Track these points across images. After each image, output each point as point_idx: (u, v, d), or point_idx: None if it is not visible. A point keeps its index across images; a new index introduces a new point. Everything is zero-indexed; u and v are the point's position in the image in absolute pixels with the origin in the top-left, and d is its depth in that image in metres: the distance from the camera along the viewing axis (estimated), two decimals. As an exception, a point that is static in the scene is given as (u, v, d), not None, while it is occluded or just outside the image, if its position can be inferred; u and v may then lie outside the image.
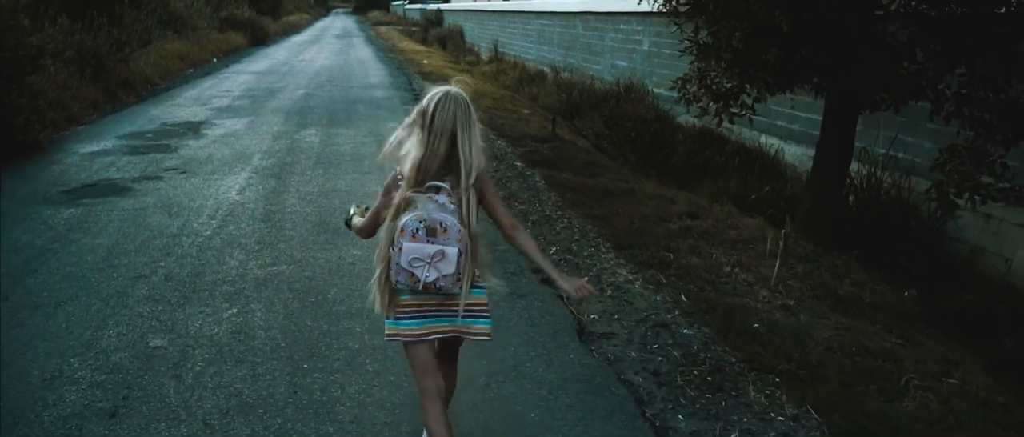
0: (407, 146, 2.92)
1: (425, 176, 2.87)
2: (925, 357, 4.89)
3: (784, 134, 10.83)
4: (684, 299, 5.42)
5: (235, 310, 5.04)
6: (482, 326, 3.12)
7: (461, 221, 2.88)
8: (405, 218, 2.85)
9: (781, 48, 6.48)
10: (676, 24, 7.29)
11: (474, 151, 2.90)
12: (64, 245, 6.32)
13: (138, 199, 7.69)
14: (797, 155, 10.63)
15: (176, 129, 11.54)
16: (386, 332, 3.07)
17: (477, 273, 3.05)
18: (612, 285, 5.66)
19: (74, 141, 10.60)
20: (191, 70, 20.54)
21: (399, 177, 2.95)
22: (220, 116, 12.79)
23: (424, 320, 3.02)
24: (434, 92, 2.93)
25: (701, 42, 6.84)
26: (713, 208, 7.82)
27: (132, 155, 9.68)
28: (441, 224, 2.85)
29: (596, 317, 5.09)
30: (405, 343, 3.05)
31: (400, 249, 2.85)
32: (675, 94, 7.50)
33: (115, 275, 5.66)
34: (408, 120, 2.94)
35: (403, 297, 2.99)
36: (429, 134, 2.86)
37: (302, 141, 10.75)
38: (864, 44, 6.49)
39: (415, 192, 2.86)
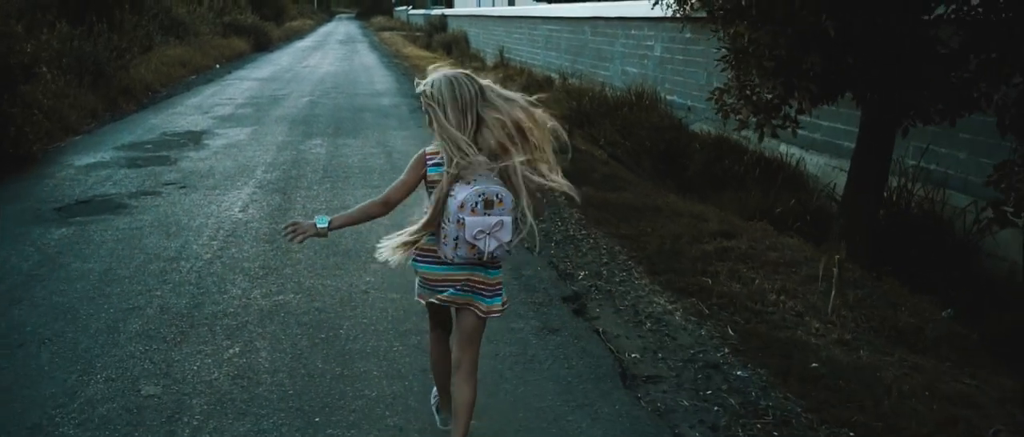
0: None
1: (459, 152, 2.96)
2: (1006, 401, 4.35)
3: (806, 143, 10.29)
4: (731, 333, 4.88)
5: (237, 349, 4.50)
6: (496, 304, 3.24)
7: (511, 190, 3.05)
8: (464, 193, 2.96)
9: (826, 56, 5.95)
10: (712, 31, 6.74)
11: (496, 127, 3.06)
12: (53, 270, 5.78)
13: (134, 217, 7.16)
14: (820, 165, 10.09)
15: (176, 139, 11.01)
16: (417, 295, 3.32)
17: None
18: (651, 317, 5.12)
19: (70, 152, 10.07)
20: (193, 76, 20.02)
21: (428, 156, 3.12)
22: (222, 125, 12.26)
23: (459, 293, 3.17)
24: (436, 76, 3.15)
25: (740, 49, 6.28)
26: (748, 227, 7.28)
27: (130, 168, 9.15)
28: (497, 196, 3.01)
29: (638, 356, 4.55)
30: (429, 303, 3.26)
31: (462, 224, 2.98)
32: (711, 105, 6.97)
33: (106, 306, 5.12)
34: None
35: (441, 271, 3.15)
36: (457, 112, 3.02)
37: (308, 152, 10.22)
38: (914, 52, 5.96)
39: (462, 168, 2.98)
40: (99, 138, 11.10)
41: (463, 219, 2.97)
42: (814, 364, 4.53)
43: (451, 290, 3.16)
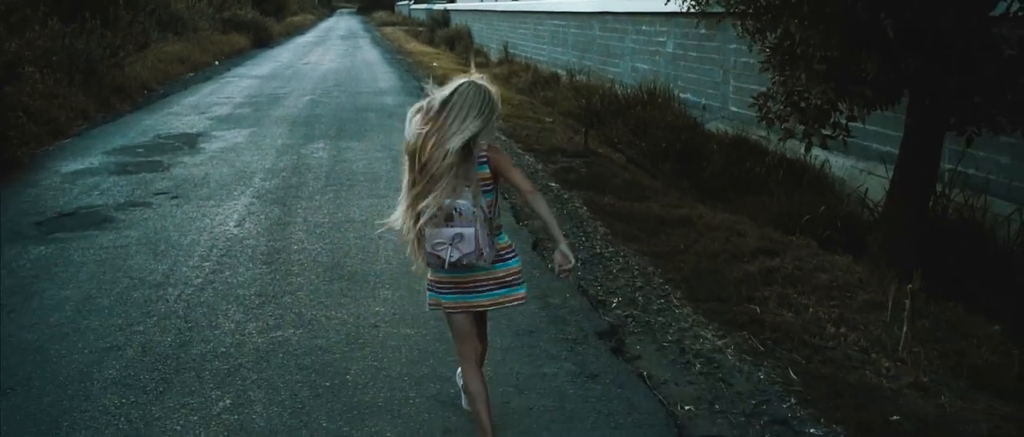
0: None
1: (426, 165, 3.04)
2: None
3: (831, 144, 9.60)
4: (793, 377, 4.23)
5: (228, 402, 3.84)
6: (518, 293, 3.33)
7: (474, 202, 3.06)
8: (421, 207, 3.04)
9: (884, 57, 5.29)
10: (748, 32, 6.07)
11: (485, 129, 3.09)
12: (25, 299, 5.12)
13: (120, 233, 6.50)
14: (846, 168, 9.43)
15: (171, 142, 10.34)
16: (428, 302, 3.36)
17: (503, 245, 3.28)
18: (699, 356, 4.46)
19: (57, 158, 9.41)
20: (191, 74, 19.34)
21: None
22: (219, 126, 11.60)
23: (462, 296, 3.24)
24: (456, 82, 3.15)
25: (787, 50, 5.61)
26: (790, 242, 6.61)
27: (119, 175, 8.48)
28: (455, 209, 3.04)
29: (692, 408, 3.90)
30: (447, 313, 3.29)
31: (423, 236, 3.08)
32: (754, 113, 6.29)
33: (81, 345, 4.46)
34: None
35: (441, 273, 3.21)
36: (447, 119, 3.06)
37: (309, 156, 9.56)
38: (976, 52, 5.29)
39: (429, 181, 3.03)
40: (89, 141, 10.44)
41: (423, 232, 3.08)
42: (895, 416, 3.88)
43: (452, 294, 3.27)
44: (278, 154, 9.66)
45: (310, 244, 6.24)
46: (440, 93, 3.12)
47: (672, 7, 12.54)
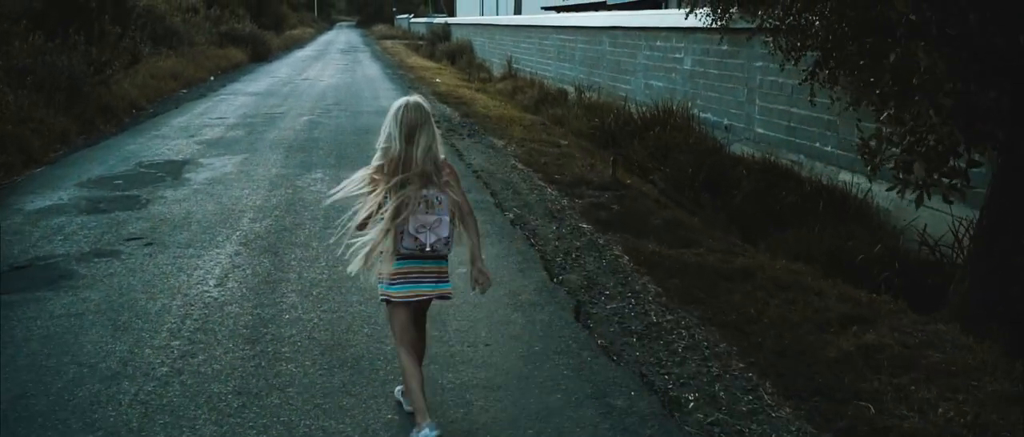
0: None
1: (402, 166, 3.50)
2: None
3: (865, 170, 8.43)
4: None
5: None
6: (445, 287, 3.70)
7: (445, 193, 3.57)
8: (401, 196, 3.47)
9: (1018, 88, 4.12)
10: (784, 54, 4.88)
11: (435, 145, 3.54)
12: (-61, 397, 3.91)
13: (78, 295, 5.29)
14: (892, 199, 8.23)
15: (153, 172, 9.13)
16: (380, 294, 3.69)
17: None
18: (823, 493, 3.26)
19: (24, 191, 8.20)
20: (185, 90, 18.15)
21: (375, 171, 3.62)
22: (209, 152, 10.39)
23: (408, 285, 3.60)
24: (397, 102, 3.59)
25: (905, 79, 4.40)
26: (878, 305, 5.42)
27: (90, 214, 7.28)
28: (436, 198, 3.55)
29: None
30: (392, 304, 3.64)
31: (407, 221, 3.49)
32: (782, 135, 5.09)
33: (-5, 478, 3.26)
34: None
35: (395, 266, 3.54)
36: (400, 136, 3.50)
37: (306, 190, 8.35)
38: None
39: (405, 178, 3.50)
40: (63, 170, 9.22)
41: (408, 217, 3.48)
42: None
43: (402, 285, 3.58)
44: (271, 187, 8.45)
45: (305, 312, 5.02)
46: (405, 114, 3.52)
47: (692, 22, 11.45)
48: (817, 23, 7.76)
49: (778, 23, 8.55)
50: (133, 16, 17.71)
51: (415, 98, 3.60)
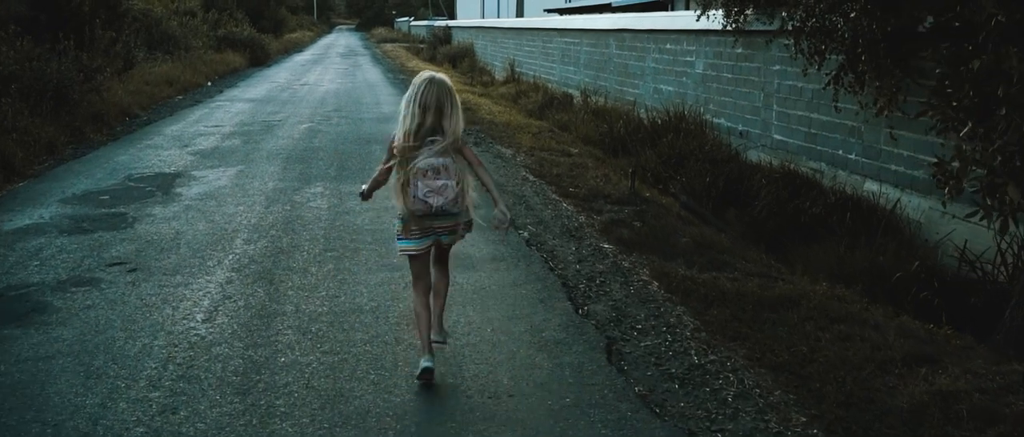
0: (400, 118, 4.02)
1: (417, 137, 3.93)
2: None
3: (903, 181, 7.83)
4: None
5: None
6: (456, 233, 4.17)
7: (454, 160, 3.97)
8: (419, 163, 3.92)
9: None
10: (807, 57, 4.32)
11: (455, 119, 3.94)
12: None
13: (49, 333, 4.70)
14: (924, 210, 7.69)
15: (142, 186, 8.55)
16: (399, 249, 4.19)
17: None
18: None
19: (4, 209, 7.61)
20: (180, 97, 17.56)
21: (394, 142, 4.04)
22: (202, 164, 9.80)
23: (422, 239, 4.09)
24: (420, 76, 4.03)
25: (982, 84, 3.80)
26: (945, 342, 4.83)
27: (71, 234, 6.70)
28: (443, 165, 3.94)
29: None
30: (410, 256, 4.15)
31: (417, 185, 3.94)
32: (800, 141, 4.52)
33: None
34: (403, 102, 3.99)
35: (409, 222, 4.05)
36: (420, 109, 3.92)
37: (304, 206, 7.76)
38: None
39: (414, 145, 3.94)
40: (48, 185, 8.63)
41: (417, 183, 3.94)
42: None
43: (416, 239, 4.09)
44: (268, 202, 7.86)
45: (303, 354, 4.43)
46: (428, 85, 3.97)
47: (704, 24, 10.86)
48: (842, 25, 7.24)
49: (800, 25, 8.00)
50: (127, 20, 17.05)
51: (438, 75, 4.01)
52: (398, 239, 4.13)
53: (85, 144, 11.22)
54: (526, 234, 6.88)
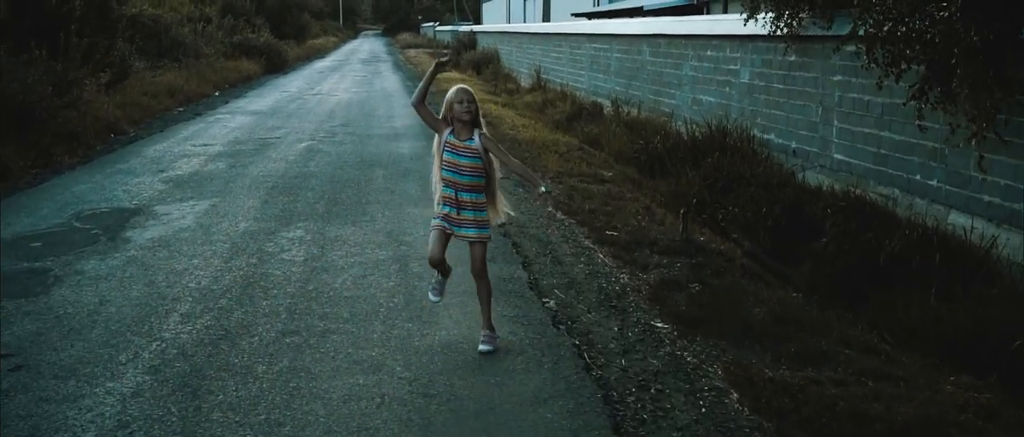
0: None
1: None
2: None
3: (999, 214, 6.15)
4: None
5: None
6: (485, 232, 4.48)
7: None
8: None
9: None
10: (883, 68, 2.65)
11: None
12: None
13: None
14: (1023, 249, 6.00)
15: (88, 228, 6.93)
16: (432, 226, 4.47)
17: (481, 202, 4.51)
18: None
19: (-96, 260, 6.01)
20: (181, 109, 16.02)
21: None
22: (172, 196, 8.17)
23: (454, 227, 4.41)
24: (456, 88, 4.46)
25: None
26: None
27: (-35, 303, 5.07)
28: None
29: None
30: (435, 231, 4.41)
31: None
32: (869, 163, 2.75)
33: None
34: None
35: (444, 209, 4.41)
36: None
37: (274, 258, 6.10)
38: None
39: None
40: (-22, 224, 7.04)
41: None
42: None
43: (444, 222, 4.42)
44: (230, 253, 6.20)
45: None
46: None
47: (751, 29, 9.45)
48: (928, 29, 5.94)
49: (874, 30, 6.55)
50: (121, 26, 15.49)
51: (464, 87, 4.48)
52: (434, 219, 4.53)
53: (50, 168, 9.65)
54: (552, 303, 5.18)
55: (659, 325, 4.83)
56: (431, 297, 4.67)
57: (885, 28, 6.52)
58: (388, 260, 6.01)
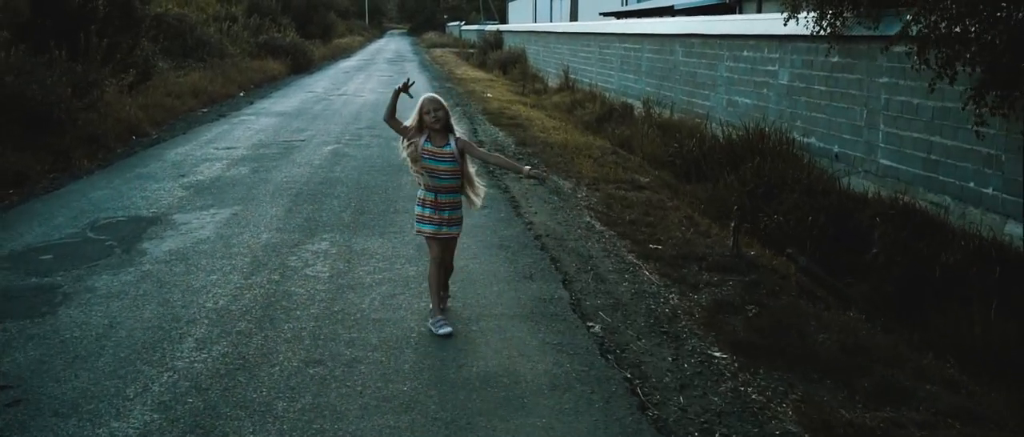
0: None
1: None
2: None
3: None
4: None
5: None
6: (454, 230, 4.75)
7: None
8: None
9: None
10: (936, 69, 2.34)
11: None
12: None
13: None
14: None
15: (102, 239, 6.55)
16: (415, 230, 4.80)
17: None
18: None
19: (-91, 274, 5.65)
20: (205, 109, 15.69)
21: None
22: (192, 203, 7.79)
23: (435, 226, 4.66)
24: (425, 97, 4.78)
25: None
26: None
27: (-35, 326, 4.68)
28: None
29: None
30: (426, 238, 4.72)
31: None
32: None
33: None
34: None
35: (425, 211, 4.69)
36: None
37: (298, 274, 5.69)
38: None
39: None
40: (-12, 234, 6.68)
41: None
42: None
43: (427, 225, 4.68)
44: (252, 269, 5.79)
45: None
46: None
47: (790, 29, 9.05)
48: (990, 32, 5.55)
49: (927, 30, 6.18)
50: (145, 25, 15.16)
51: (433, 95, 4.79)
52: (416, 223, 4.86)
53: (69, 172, 9.30)
54: (598, 329, 4.72)
55: (717, 355, 4.36)
56: (443, 331, 4.58)
57: (941, 27, 6.13)
58: (417, 277, 5.58)
